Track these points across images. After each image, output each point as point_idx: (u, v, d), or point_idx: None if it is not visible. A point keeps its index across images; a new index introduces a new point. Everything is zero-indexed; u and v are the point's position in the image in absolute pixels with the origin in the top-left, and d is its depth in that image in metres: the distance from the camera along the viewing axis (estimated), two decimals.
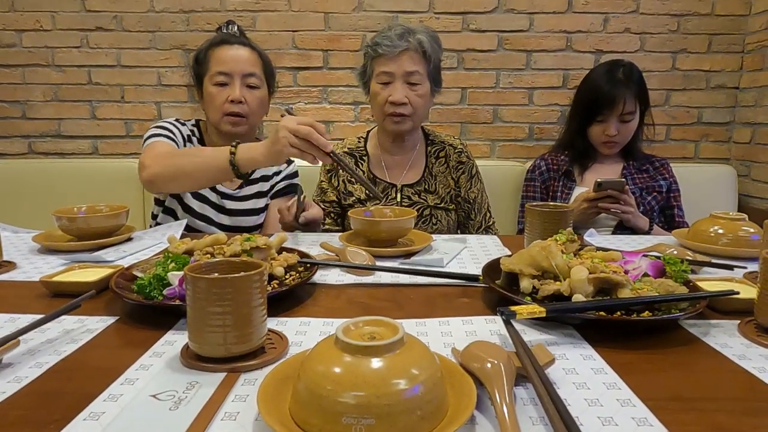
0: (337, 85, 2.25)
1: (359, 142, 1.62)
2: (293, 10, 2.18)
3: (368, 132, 1.66)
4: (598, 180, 1.43)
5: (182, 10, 2.18)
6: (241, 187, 1.50)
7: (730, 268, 0.91)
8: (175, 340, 0.64)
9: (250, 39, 1.52)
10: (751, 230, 1.05)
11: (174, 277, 0.70)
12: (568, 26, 2.19)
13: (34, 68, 2.23)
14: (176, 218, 1.44)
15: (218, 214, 1.46)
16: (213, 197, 1.46)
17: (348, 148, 1.61)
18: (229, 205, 1.47)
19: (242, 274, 0.57)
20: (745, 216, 1.09)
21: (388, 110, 1.44)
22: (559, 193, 1.75)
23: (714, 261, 0.95)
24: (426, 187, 1.55)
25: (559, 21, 2.18)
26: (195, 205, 1.44)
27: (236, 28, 1.50)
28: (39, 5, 2.18)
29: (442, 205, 1.55)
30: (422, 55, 1.43)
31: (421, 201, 1.54)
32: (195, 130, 1.52)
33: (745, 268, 0.92)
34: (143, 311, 0.73)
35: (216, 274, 0.61)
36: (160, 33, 2.20)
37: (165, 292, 0.70)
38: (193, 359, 0.58)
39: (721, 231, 1.07)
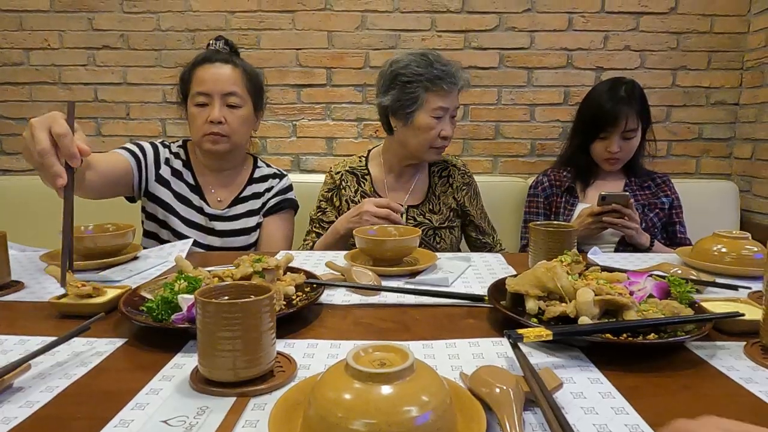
0: (340, 102, 2.27)
1: (360, 161, 1.64)
2: (297, 28, 2.22)
3: (369, 151, 1.67)
4: (603, 193, 1.44)
5: (187, 28, 2.21)
6: (229, 206, 1.49)
7: (734, 288, 0.91)
8: (184, 363, 0.65)
9: (238, 56, 1.50)
10: (755, 249, 1.06)
11: (184, 301, 0.71)
12: (568, 44, 2.21)
13: (41, 86, 2.26)
14: (160, 242, 1.42)
15: (206, 236, 1.45)
16: (201, 219, 1.45)
17: (349, 167, 1.62)
18: (219, 226, 1.46)
19: (252, 298, 0.58)
20: (749, 234, 1.09)
21: (438, 144, 1.49)
22: (561, 209, 1.75)
23: (718, 281, 0.96)
24: (430, 207, 1.57)
25: (559, 39, 2.21)
26: (182, 229, 1.43)
27: (225, 43, 1.49)
28: (47, 24, 2.21)
29: (446, 224, 1.57)
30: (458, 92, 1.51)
31: (426, 221, 1.55)
32: (181, 151, 1.51)
33: (749, 288, 0.92)
34: (152, 333, 0.74)
35: (226, 298, 0.61)
36: (165, 51, 2.23)
37: (173, 317, 0.71)
38: (203, 383, 0.58)
39: (724, 249, 1.07)
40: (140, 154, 1.42)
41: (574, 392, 0.58)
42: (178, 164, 1.49)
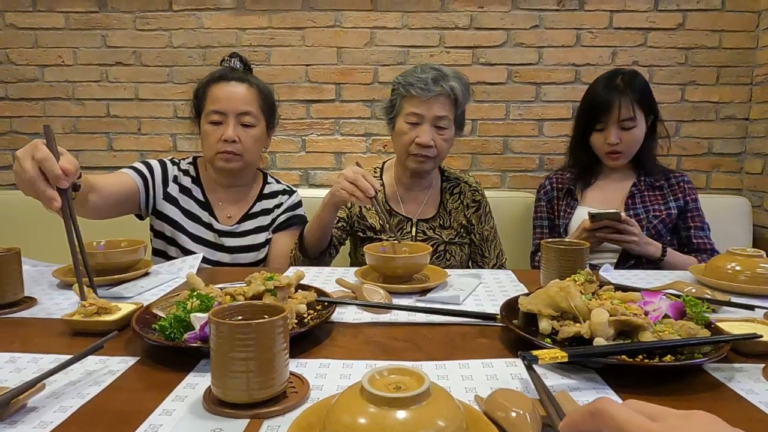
0: (349, 117, 2.29)
1: (375, 172, 1.64)
2: (307, 45, 2.24)
3: (384, 163, 1.68)
4: (591, 212, 1.40)
5: (199, 45, 2.24)
6: (239, 222, 1.50)
7: (751, 308, 0.90)
8: (196, 383, 0.65)
9: (252, 73, 1.51)
10: None
11: (196, 319, 0.71)
12: (576, 59, 2.22)
13: (54, 101, 2.30)
14: (169, 259, 1.41)
15: (215, 252, 1.46)
16: (210, 236, 1.46)
17: None
18: (228, 242, 1.47)
19: (266, 319, 0.58)
20: (763, 252, 1.08)
21: (413, 150, 1.47)
22: (561, 213, 1.70)
23: (734, 300, 0.95)
24: (441, 222, 1.57)
25: (567, 54, 2.22)
26: (191, 245, 1.44)
27: (239, 61, 1.50)
28: (62, 41, 2.25)
29: (456, 240, 1.56)
30: (453, 102, 1.45)
31: (436, 236, 1.55)
32: (191, 167, 1.52)
33: (765, 308, 0.91)
34: (164, 351, 0.74)
35: (240, 318, 0.61)
36: (177, 67, 2.26)
37: (186, 336, 0.71)
38: (216, 404, 0.58)
39: (738, 268, 1.06)
40: (147, 173, 1.44)
41: None
42: (186, 181, 1.49)
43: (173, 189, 1.47)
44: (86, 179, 1.14)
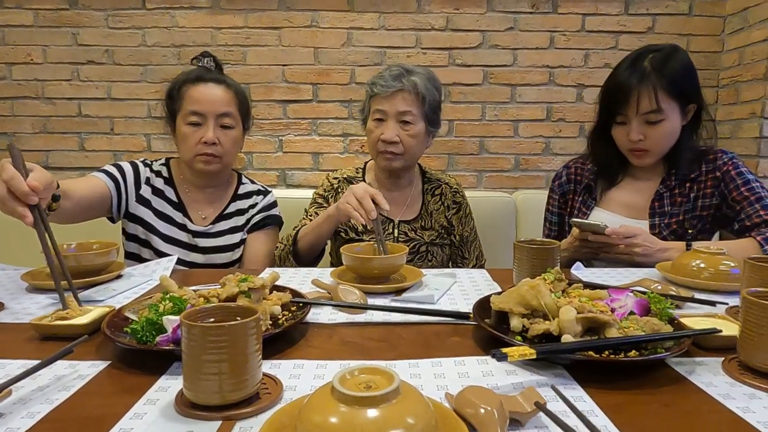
0: (327, 117, 2.29)
1: (357, 172, 1.65)
2: (283, 45, 2.23)
3: (366, 164, 1.69)
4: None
5: (173, 44, 2.22)
6: (213, 222, 1.49)
7: (712, 304, 0.94)
8: (168, 386, 0.64)
9: (225, 74, 1.50)
10: (732, 264, 1.09)
11: (168, 322, 0.71)
12: (550, 61, 2.26)
13: (23, 100, 2.24)
14: (140, 261, 1.39)
15: (189, 253, 1.45)
16: (183, 237, 1.45)
17: (347, 176, 1.62)
18: (203, 243, 1.46)
19: (239, 320, 0.58)
20: (725, 249, 1.12)
21: (381, 147, 1.47)
22: (576, 211, 1.50)
23: (697, 296, 0.98)
24: (422, 224, 1.58)
25: (541, 56, 2.26)
26: (164, 247, 1.42)
27: (212, 61, 1.48)
28: (31, 39, 2.20)
29: (437, 241, 1.58)
30: (416, 96, 1.45)
31: (418, 237, 1.56)
32: (163, 168, 1.51)
33: (726, 303, 0.95)
34: (136, 355, 0.73)
35: (212, 321, 0.61)
36: (151, 67, 2.23)
37: (158, 339, 0.70)
38: (188, 407, 0.58)
39: (702, 265, 1.10)
40: (119, 176, 1.42)
41: (557, 411, 0.59)
42: (159, 182, 1.48)
43: (146, 191, 1.45)
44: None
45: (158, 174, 1.49)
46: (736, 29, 2.19)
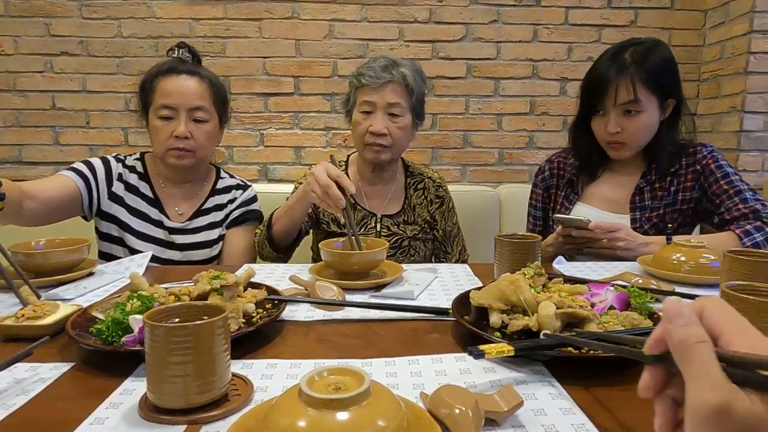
0: (309, 110, 2.25)
1: (341, 166, 1.62)
2: (264, 36, 2.19)
3: (348, 157, 1.66)
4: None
5: (150, 35, 2.16)
6: (190, 219, 1.45)
7: (692, 297, 0.93)
8: (134, 389, 0.62)
9: (201, 65, 1.46)
10: (712, 257, 1.09)
11: (135, 322, 0.68)
12: (533, 54, 2.25)
13: None
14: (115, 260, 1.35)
15: (166, 250, 1.41)
16: (159, 233, 1.41)
17: None
18: (179, 239, 1.42)
19: (205, 320, 0.56)
20: (705, 243, 1.12)
21: (368, 140, 1.44)
22: (559, 206, 1.51)
23: (677, 290, 0.98)
24: (405, 218, 1.56)
25: (525, 50, 2.25)
26: (139, 245, 1.38)
27: (188, 51, 1.44)
28: (1, 29, 2.14)
29: (420, 235, 1.56)
30: (405, 88, 1.43)
31: (400, 232, 1.54)
32: (138, 163, 1.46)
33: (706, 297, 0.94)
34: (101, 356, 0.70)
35: (177, 320, 0.59)
36: (127, 58, 2.18)
37: (124, 339, 0.67)
38: (152, 411, 0.55)
39: (683, 258, 1.10)
40: (89, 174, 1.37)
41: (535, 409, 0.57)
42: (133, 178, 1.43)
43: (118, 188, 1.41)
44: (18, 187, 1.10)
45: (132, 169, 1.45)
46: (717, 23, 2.20)
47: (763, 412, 0.32)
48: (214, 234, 1.46)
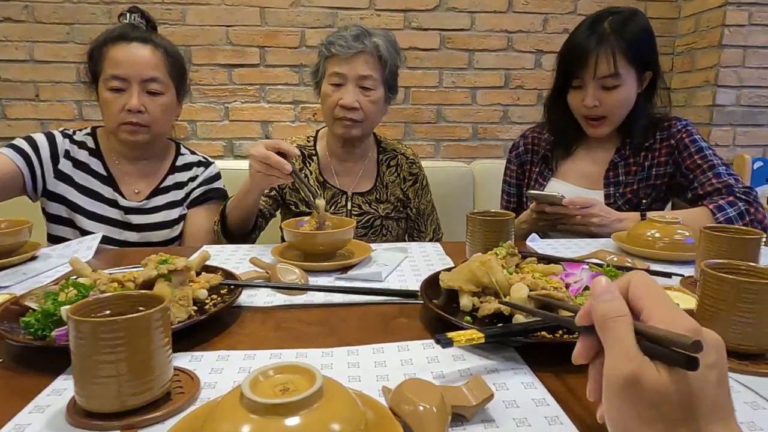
0: (276, 83, 2.15)
1: (309, 141, 1.53)
2: (226, 3, 2.07)
3: (317, 131, 1.58)
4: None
5: (103, 1, 2.02)
6: (148, 198, 1.36)
7: (668, 275, 0.91)
8: (64, 388, 0.55)
9: (156, 32, 1.35)
10: (686, 233, 1.06)
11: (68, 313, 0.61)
12: (508, 26, 2.19)
13: None
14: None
15: (123, 232, 1.32)
16: (114, 214, 1.32)
17: (298, 145, 1.51)
18: (136, 219, 1.33)
19: (139, 313, 0.49)
20: (680, 219, 1.10)
21: (339, 114, 1.36)
22: (533, 182, 1.48)
23: (652, 268, 0.95)
24: (377, 196, 1.50)
25: (500, 20, 2.18)
26: (91, 227, 1.29)
27: (141, 17, 1.33)
28: None
29: (392, 214, 1.50)
30: (378, 60, 1.35)
31: (372, 211, 1.48)
32: (89, 139, 1.36)
33: (681, 275, 0.92)
34: (30, 352, 0.63)
35: (108, 313, 0.52)
36: (78, 26, 2.03)
37: (54, 333, 0.61)
38: (80, 416, 0.49)
39: (657, 235, 1.07)
40: (31, 151, 1.27)
41: (506, 401, 0.53)
42: (83, 155, 1.33)
43: (65, 165, 1.31)
44: None
45: (82, 145, 1.34)
46: None
47: (668, 383, 0.36)
48: (174, 214, 1.38)
